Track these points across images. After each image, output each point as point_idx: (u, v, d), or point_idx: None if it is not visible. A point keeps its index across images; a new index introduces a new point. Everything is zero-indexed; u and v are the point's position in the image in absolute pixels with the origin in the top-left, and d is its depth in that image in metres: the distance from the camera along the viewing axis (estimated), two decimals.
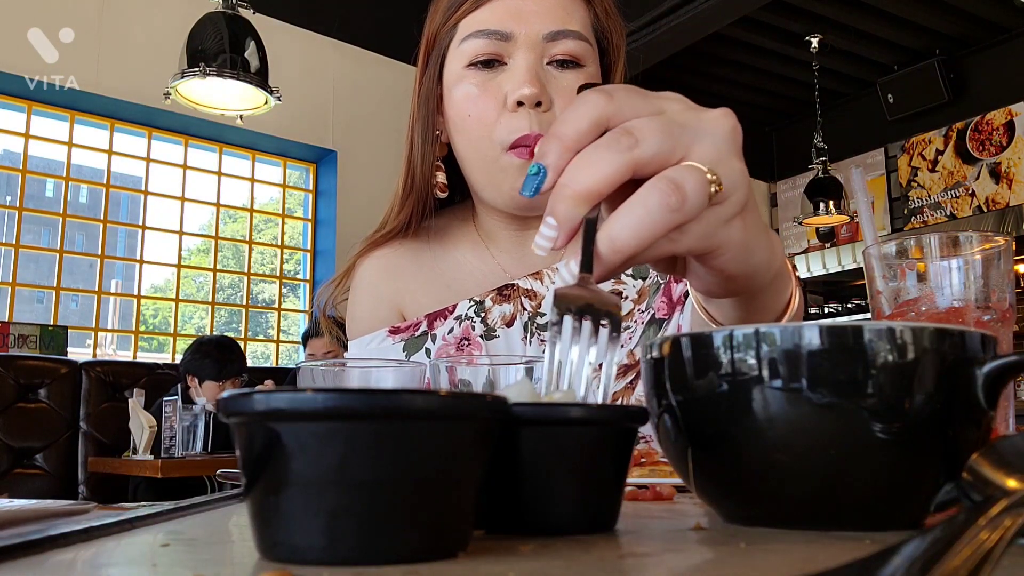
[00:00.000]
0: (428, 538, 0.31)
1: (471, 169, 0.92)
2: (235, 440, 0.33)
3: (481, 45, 0.88)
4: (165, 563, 0.35)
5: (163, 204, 4.14)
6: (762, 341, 0.38)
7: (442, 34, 0.93)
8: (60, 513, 0.47)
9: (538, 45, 0.87)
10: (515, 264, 0.99)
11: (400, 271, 1.00)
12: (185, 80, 2.73)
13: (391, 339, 0.96)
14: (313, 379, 0.58)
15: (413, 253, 1.01)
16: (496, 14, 0.88)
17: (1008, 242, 0.55)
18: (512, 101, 0.86)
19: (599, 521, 0.40)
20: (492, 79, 0.88)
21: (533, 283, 0.96)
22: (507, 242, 0.99)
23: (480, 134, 0.88)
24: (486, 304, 0.95)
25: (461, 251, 1.01)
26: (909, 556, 0.21)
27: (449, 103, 0.92)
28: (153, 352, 4.76)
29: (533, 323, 0.94)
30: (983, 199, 5.57)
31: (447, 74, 0.92)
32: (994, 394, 0.39)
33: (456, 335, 0.94)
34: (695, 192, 0.41)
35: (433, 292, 0.99)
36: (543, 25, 0.87)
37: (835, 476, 0.38)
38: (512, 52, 0.88)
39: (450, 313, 0.95)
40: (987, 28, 5.33)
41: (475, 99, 0.88)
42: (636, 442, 0.43)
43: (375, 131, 4.50)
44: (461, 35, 0.90)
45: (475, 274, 0.99)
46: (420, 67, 0.97)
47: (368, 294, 1.00)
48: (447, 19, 0.92)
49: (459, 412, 0.32)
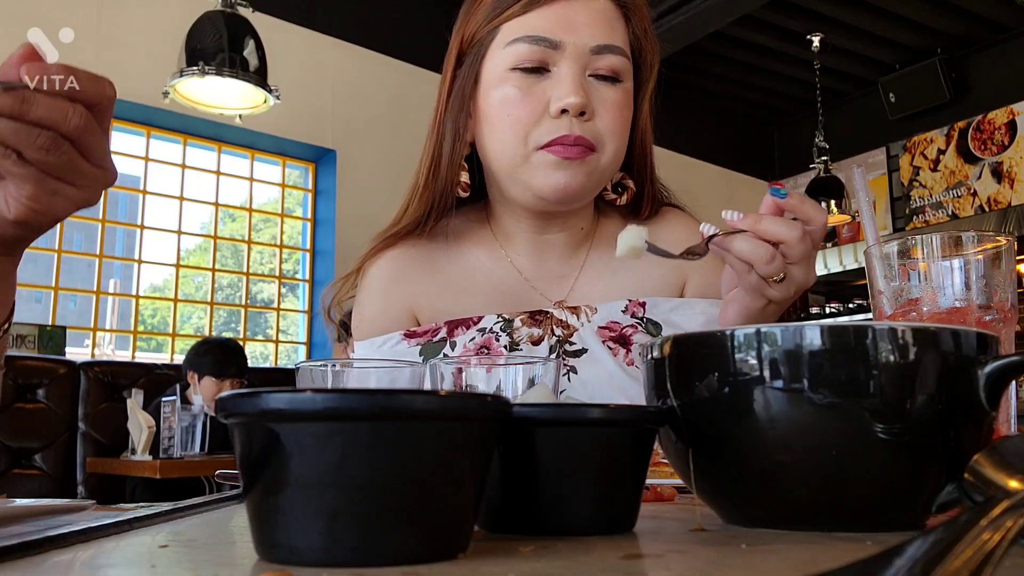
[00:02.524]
0: (428, 539, 0.31)
1: (500, 166, 0.92)
2: (234, 441, 0.32)
3: (529, 50, 0.88)
4: (164, 564, 0.35)
5: (161, 203, 4.14)
6: (763, 341, 0.38)
7: (483, 33, 0.92)
8: (59, 511, 0.47)
9: (584, 56, 0.88)
10: (531, 266, 0.99)
11: (411, 273, 0.99)
12: (184, 79, 2.73)
13: (406, 342, 0.95)
14: (312, 380, 0.57)
15: (424, 254, 1.00)
16: (546, 20, 0.88)
17: (1010, 242, 0.54)
18: (556, 108, 0.87)
19: (620, 521, 0.40)
20: (535, 84, 0.88)
21: (569, 316, 0.95)
22: (524, 244, 0.99)
23: (517, 134, 0.88)
24: (515, 323, 0.94)
25: (475, 252, 1.00)
26: (910, 557, 0.21)
27: (485, 102, 0.92)
28: (152, 352, 4.75)
29: (562, 347, 0.94)
30: (985, 199, 5.57)
31: (486, 74, 0.92)
32: (996, 394, 0.39)
33: (477, 343, 0.94)
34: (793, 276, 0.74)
35: (447, 295, 0.98)
36: (592, 37, 0.88)
37: (836, 477, 0.38)
38: (558, 60, 0.88)
39: (474, 324, 0.95)
40: (989, 27, 5.33)
41: (517, 102, 0.88)
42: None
43: (375, 131, 4.50)
44: (506, 37, 0.90)
45: (490, 276, 0.99)
46: (451, 63, 0.96)
47: (378, 295, 0.99)
48: (491, 19, 0.91)
49: (459, 412, 0.32)
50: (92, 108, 0.53)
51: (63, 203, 0.55)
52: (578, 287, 0.99)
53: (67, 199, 0.55)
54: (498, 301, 0.97)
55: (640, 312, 0.96)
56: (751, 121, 6.66)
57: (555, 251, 0.99)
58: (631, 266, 1.00)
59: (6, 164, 0.52)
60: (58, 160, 0.52)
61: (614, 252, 1.01)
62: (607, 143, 0.89)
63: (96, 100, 0.53)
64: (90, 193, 0.56)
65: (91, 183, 0.55)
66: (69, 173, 0.54)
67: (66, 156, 0.52)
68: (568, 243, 0.99)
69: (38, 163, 0.52)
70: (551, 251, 0.99)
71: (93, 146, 0.54)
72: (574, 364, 0.93)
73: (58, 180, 0.54)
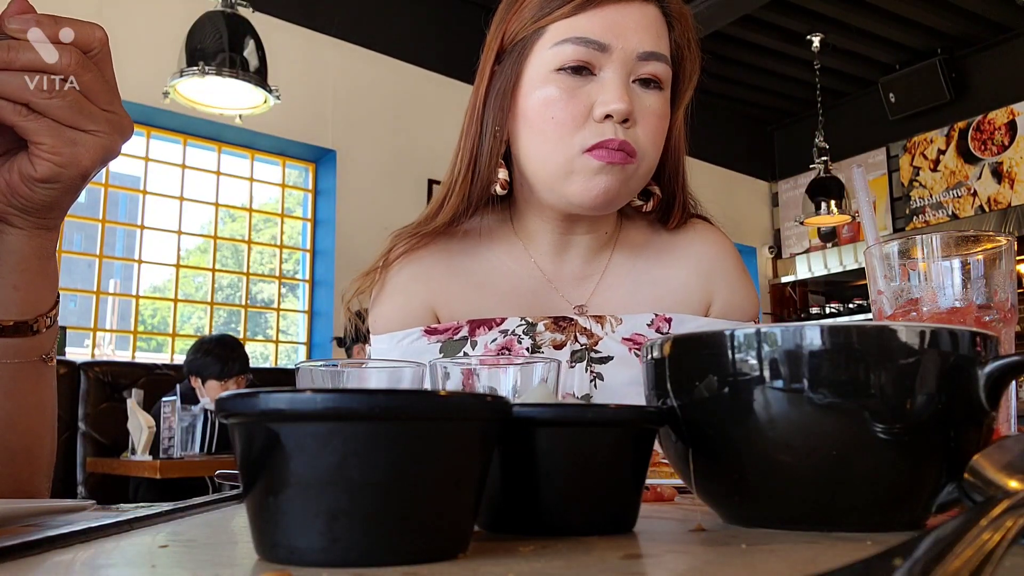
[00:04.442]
0: (428, 539, 0.31)
1: (538, 167, 0.91)
2: (234, 441, 0.32)
3: (576, 52, 0.87)
4: (164, 564, 0.34)
5: (162, 204, 4.14)
6: (763, 341, 0.38)
7: (528, 32, 0.91)
8: (59, 511, 0.47)
9: (630, 62, 0.88)
10: (552, 267, 0.99)
11: (432, 269, 0.99)
12: (184, 79, 2.73)
13: (426, 339, 0.95)
14: (312, 380, 0.57)
15: (445, 251, 0.99)
16: (594, 23, 0.88)
17: (1010, 242, 0.54)
18: (601, 113, 0.86)
19: (620, 521, 0.40)
20: (581, 87, 0.88)
21: (593, 324, 0.95)
22: (547, 244, 0.99)
23: (559, 136, 0.88)
24: (538, 327, 0.94)
25: (496, 251, 1.00)
26: (911, 557, 0.21)
27: (527, 102, 0.91)
28: (152, 352, 4.75)
29: (587, 354, 0.94)
30: (985, 199, 5.57)
31: (528, 73, 0.91)
32: (996, 394, 0.39)
33: (499, 344, 0.94)
34: None
35: (468, 292, 0.98)
36: (640, 43, 0.88)
37: (836, 477, 0.38)
38: (604, 64, 0.88)
39: (497, 325, 0.94)
40: (989, 27, 5.33)
41: (560, 104, 0.88)
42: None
43: (375, 131, 4.49)
44: (553, 38, 0.89)
45: (511, 275, 0.99)
46: (490, 60, 0.95)
47: (398, 292, 0.99)
48: (538, 19, 0.90)
49: (458, 412, 0.32)
50: (87, 53, 0.54)
51: (85, 152, 0.56)
52: (600, 291, 0.99)
53: (87, 148, 0.56)
54: (518, 301, 0.97)
55: (665, 328, 0.96)
56: (751, 121, 6.66)
57: (578, 252, 0.99)
58: (654, 277, 1.00)
59: (18, 120, 0.53)
60: (64, 103, 0.53)
61: (636, 259, 1.01)
62: (646, 151, 0.89)
63: (87, 43, 0.54)
64: (108, 140, 0.57)
65: (107, 128, 0.56)
66: (81, 118, 0.55)
67: (71, 97, 0.54)
68: (591, 246, 0.99)
69: (47, 110, 0.53)
70: (574, 252, 0.99)
71: (96, 88, 0.55)
72: (600, 371, 0.93)
73: (73, 129, 0.55)
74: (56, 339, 0.68)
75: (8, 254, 0.61)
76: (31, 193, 0.57)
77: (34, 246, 0.61)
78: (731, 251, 1.05)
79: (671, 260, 1.01)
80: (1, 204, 0.58)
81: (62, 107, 0.54)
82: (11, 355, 0.63)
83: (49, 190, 0.57)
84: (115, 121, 0.57)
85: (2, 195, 0.58)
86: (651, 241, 1.03)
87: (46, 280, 0.64)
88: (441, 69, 4.59)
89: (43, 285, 0.63)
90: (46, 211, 0.60)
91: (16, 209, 0.59)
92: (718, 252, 1.03)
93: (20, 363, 0.64)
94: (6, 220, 0.60)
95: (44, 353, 0.65)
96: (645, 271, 1.00)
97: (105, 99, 0.56)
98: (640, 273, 1.00)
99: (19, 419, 0.65)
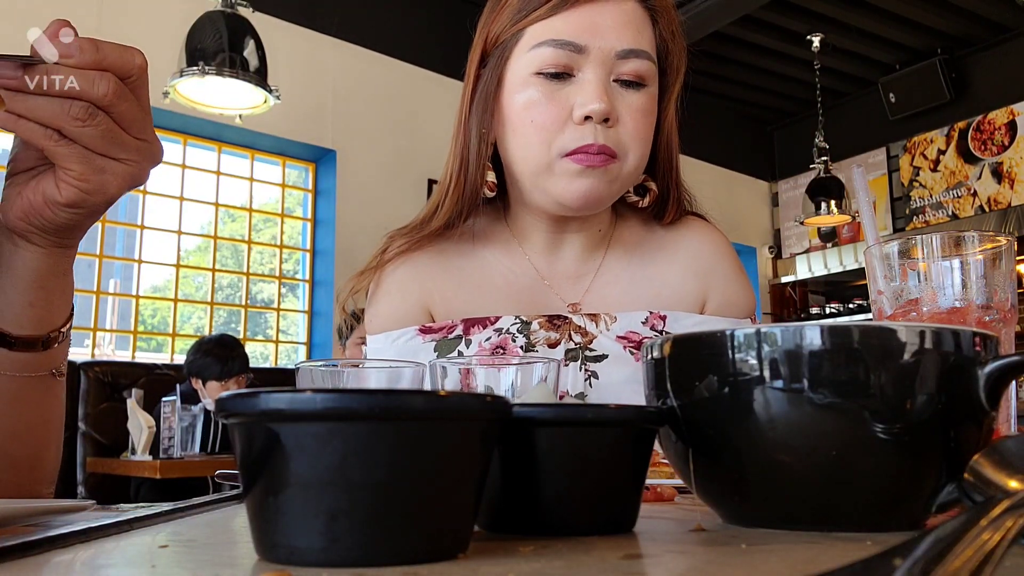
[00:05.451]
0: (428, 538, 0.31)
1: (521, 170, 0.91)
2: (234, 441, 0.32)
3: (553, 55, 0.87)
4: (164, 564, 0.34)
5: (161, 203, 4.14)
6: (763, 342, 0.38)
7: (507, 35, 0.91)
8: (59, 511, 0.47)
9: (609, 61, 0.87)
10: (547, 265, 0.99)
11: (427, 269, 0.99)
12: (184, 79, 2.73)
13: (421, 338, 0.95)
14: (312, 380, 0.57)
15: (439, 251, 1.00)
16: (571, 25, 0.87)
17: (1010, 242, 0.54)
18: (580, 115, 0.86)
19: (620, 521, 0.40)
20: (559, 90, 0.87)
21: (587, 322, 0.95)
22: (541, 242, 0.99)
23: (540, 139, 0.88)
24: (532, 326, 0.94)
25: (490, 250, 1.00)
26: (910, 557, 0.21)
27: (509, 106, 0.91)
28: (152, 352, 4.75)
29: (581, 353, 0.94)
30: (985, 199, 5.57)
31: (509, 76, 0.91)
32: (996, 394, 0.39)
33: (493, 342, 0.94)
34: None
35: (463, 292, 0.98)
36: (617, 42, 0.87)
37: (836, 477, 0.38)
38: (582, 65, 0.87)
39: (491, 323, 0.95)
40: (989, 27, 5.33)
41: (540, 107, 0.88)
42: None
43: (375, 130, 4.49)
44: (531, 41, 0.89)
45: (506, 274, 0.99)
46: (475, 62, 0.95)
47: (394, 291, 0.99)
48: (516, 21, 0.90)
49: (458, 412, 0.32)
50: (124, 80, 0.53)
51: (112, 180, 0.55)
52: (594, 289, 0.99)
53: (115, 176, 0.55)
54: (514, 300, 0.97)
55: (660, 325, 0.96)
56: (751, 121, 6.65)
57: (572, 250, 0.99)
58: (649, 275, 1.00)
59: (48, 144, 0.52)
60: (97, 132, 0.52)
61: (631, 256, 1.01)
62: (630, 150, 0.89)
63: (126, 70, 0.53)
64: (137, 169, 0.56)
65: (137, 157, 0.55)
66: (112, 147, 0.54)
67: (104, 126, 0.52)
68: (585, 244, 0.99)
69: (79, 138, 0.52)
70: (567, 250, 0.99)
71: (131, 116, 0.54)
72: (595, 369, 0.93)
73: (103, 156, 0.54)
74: (67, 354, 0.67)
75: (25, 271, 0.60)
76: (53, 216, 0.57)
77: (51, 264, 0.61)
78: (727, 248, 1.04)
79: (666, 257, 1.01)
80: (22, 223, 0.58)
81: (94, 136, 0.52)
82: (20, 368, 0.62)
83: (72, 214, 0.57)
84: (145, 149, 0.56)
85: (24, 214, 0.57)
86: (646, 239, 1.02)
87: (62, 296, 0.63)
88: (441, 69, 4.59)
89: (58, 301, 0.63)
90: (66, 232, 0.59)
91: (36, 228, 0.58)
92: (713, 249, 1.02)
93: (29, 377, 0.63)
94: (25, 237, 0.59)
95: (54, 368, 0.65)
96: (640, 269, 1.00)
97: (138, 128, 0.55)
98: (635, 271, 1.00)
99: (25, 431, 0.65)
